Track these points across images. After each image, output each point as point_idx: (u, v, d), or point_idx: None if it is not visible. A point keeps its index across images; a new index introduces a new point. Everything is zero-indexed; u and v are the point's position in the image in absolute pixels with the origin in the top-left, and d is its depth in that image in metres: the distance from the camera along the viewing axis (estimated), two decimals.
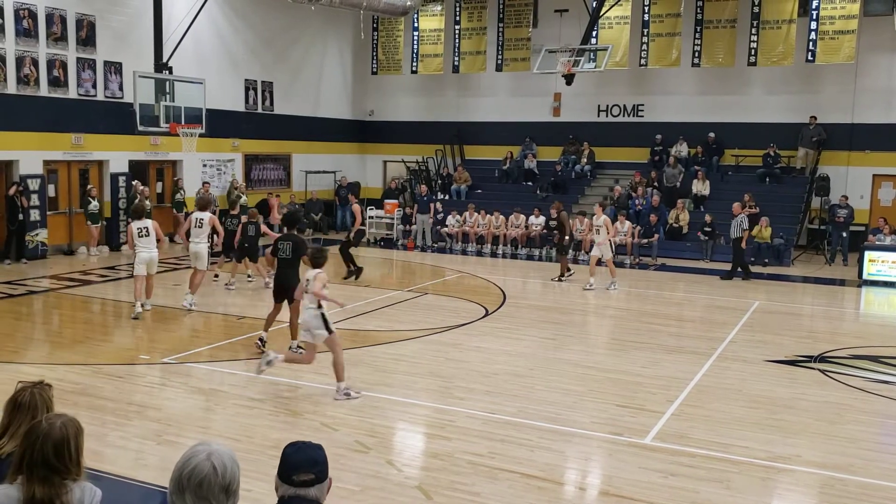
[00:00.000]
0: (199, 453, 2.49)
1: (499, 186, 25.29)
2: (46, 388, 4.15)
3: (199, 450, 2.51)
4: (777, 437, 7.78)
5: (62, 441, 3.05)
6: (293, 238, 10.65)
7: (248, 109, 24.19)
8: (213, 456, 2.48)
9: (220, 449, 2.53)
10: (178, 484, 2.45)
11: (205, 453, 2.48)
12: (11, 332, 11.71)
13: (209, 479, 2.43)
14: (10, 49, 17.36)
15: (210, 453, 2.49)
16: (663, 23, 23.45)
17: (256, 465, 6.83)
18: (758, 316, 13.89)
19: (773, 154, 22.76)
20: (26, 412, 3.98)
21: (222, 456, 2.49)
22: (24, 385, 4.10)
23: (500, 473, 6.75)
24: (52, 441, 3.03)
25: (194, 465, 2.45)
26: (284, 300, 10.54)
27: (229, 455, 2.53)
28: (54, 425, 3.07)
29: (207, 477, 2.44)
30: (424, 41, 26.70)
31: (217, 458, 2.48)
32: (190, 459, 2.47)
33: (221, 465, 2.47)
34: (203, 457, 2.47)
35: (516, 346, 11.35)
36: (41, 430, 3.04)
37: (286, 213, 12.83)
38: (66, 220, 19.44)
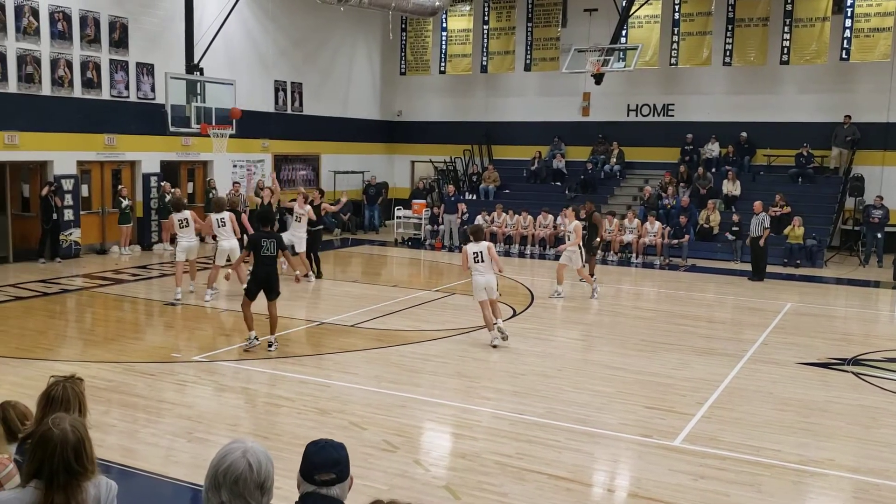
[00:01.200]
0: (234, 451, 2.51)
1: (527, 186, 25.22)
2: (78, 381, 4.24)
3: (234, 447, 2.53)
4: (809, 441, 7.68)
5: (79, 444, 3.03)
6: (275, 235, 10.86)
7: (277, 110, 24.36)
8: (248, 453, 2.50)
9: (254, 447, 2.55)
10: (214, 481, 2.47)
11: (240, 451, 2.51)
12: (45, 330, 11.90)
13: (245, 476, 2.47)
14: (45, 51, 17.64)
15: (245, 451, 2.52)
16: (694, 21, 23.25)
17: (286, 462, 6.83)
18: (790, 318, 13.71)
19: (806, 154, 22.46)
20: (59, 406, 4.04)
21: (257, 453, 2.52)
22: (56, 379, 4.18)
23: (527, 474, 6.73)
24: (71, 446, 3.01)
25: (230, 463, 2.48)
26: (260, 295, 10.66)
27: (264, 453, 2.56)
28: (66, 430, 3.03)
29: (243, 474, 2.47)
30: (453, 41, 26.72)
31: (252, 455, 2.51)
32: (226, 457, 2.50)
33: (257, 462, 2.50)
34: (239, 454, 2.50)
35: (544, 347, 11.31)
36: (57, 438, 3.00)
37: (260, 210, 12.83)
38: (99, 219, 19.70)
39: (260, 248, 10.46)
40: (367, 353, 10.77)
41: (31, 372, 9.50)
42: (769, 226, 17.84)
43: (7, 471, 3.25)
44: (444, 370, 10.12)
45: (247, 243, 11.04)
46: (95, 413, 7.99)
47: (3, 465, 3.26)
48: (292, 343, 11.34)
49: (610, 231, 19.74)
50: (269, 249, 10.48)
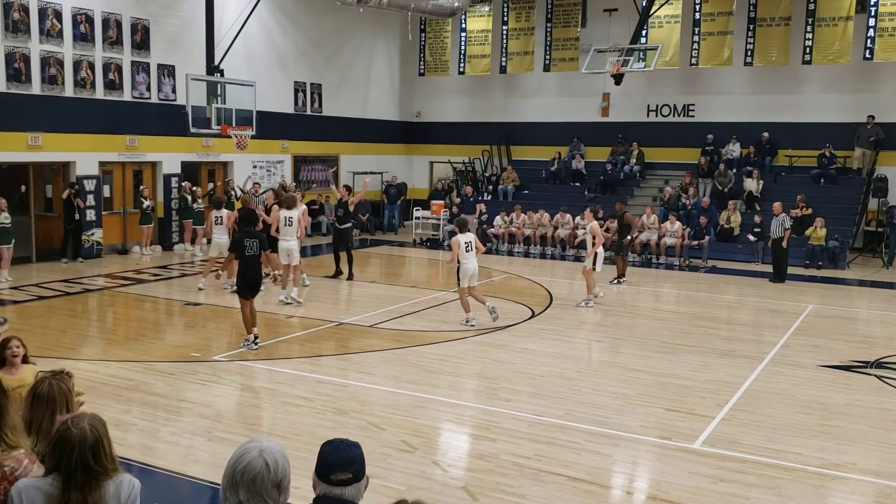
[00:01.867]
0: (251, 450, 2.52)
1: (546, 187, 25.17)
2: (66, 377, 4.05)
3: (251, 447, 2.54)
4: (831, 444, 7.60)
5: (97, 443, 3.05)
6: (259, 235, 11.05)
7: (297, 111, 24.46)
8: (265, 452, 2.52)
9: (271, 446, 2.56)
10: (232, 480, 2.49)
11: (257, 450, 2.52)
12: (67, 329, 12.01)
13: (262, 476, 2.48)
14: (67, 53, 17.81)
15: (262, 450, 2.53)
16: (715, 21, 23.10)
17: (304, 462, 6.84)
18: (811, 320, 13.59)
19: (829, 154, 22.25)
20: (45, 405, 3.89)
21: (274, 453, 2.54)
22: (43, 375, 4.01)
23: (546, 476, 6.71)
24: (89, 446, 3.02)
25: (247, 462, 2.49)
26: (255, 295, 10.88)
27: (280, 452, 2.58)
28: (85, 430, 3.04)
29: (260, 473, 2.48)
30: (472, 42, 26.72)
31: (269, 454, 2.53)
32: (243, 456, 2.51)
33: (273, 461, 2.51)
34: (255, 453, 2.51)
35: (563, 349, 11.28)
36: (75, 438, 3.01)
37: (241, 211, 12.84)
38: (121, 220, 19.87)
39: (244, 248, 10.60)
40: (385, 354, 10.78)
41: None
42: (790, 226, 17.67)
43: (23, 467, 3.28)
44: (462, 371, 10.12)
45: (230, 244, 11.17)
46: (116, 411, 8.07)
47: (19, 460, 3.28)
48: (311, 343, 11.38)
49: (650, 223, 19.55)
50: (252, 249, 10.65)
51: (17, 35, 16.78)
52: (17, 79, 16.85)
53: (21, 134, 17.00)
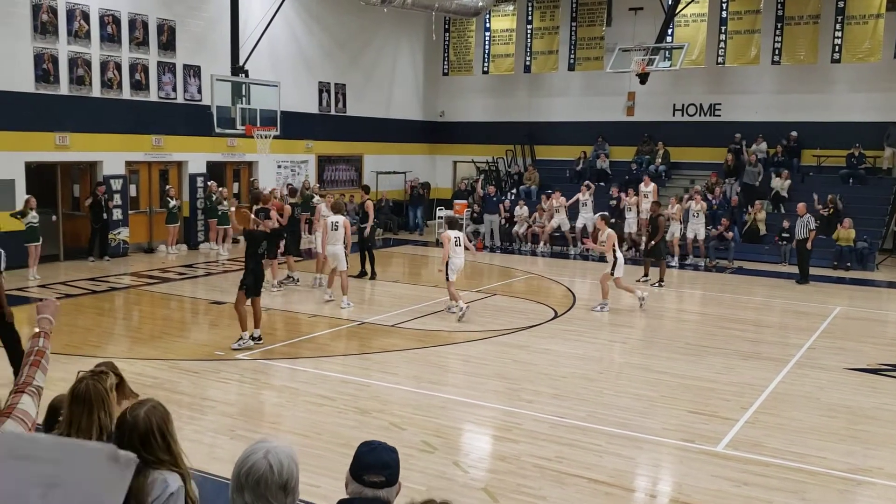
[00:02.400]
0: (256, 451, 2.51)
1: (570, 187, 25.03)
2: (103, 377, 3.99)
3: (257, 448, 2.53)
4: (857, 448, 7.49)
5: (147, 432, 3.11)
6: (268, 235, 11.56)
7: (321, 111, 24.55)
8: (270, 454, 2.49)
9: (278, 446, 2.53)
10: (238, 482, 2.48)
11: (262, 451, 2.50)
12: (93, 327, 12.14)
13: (266, 478, 2.45)
14: (95, 54, 18.02)
15: (268, 451, 2.50)
16: (742, 20, 22.88)
17: (325, 461, 6.92)
18: (839, 322, 13.41)
19: (858, 154, 21.95)
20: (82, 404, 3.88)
21: (279, 454, 2.50)
22: (82, 375, 4.01)
23: (567, 478, 6.67)
24: (139, 433, 3.10)
25: (252, 464, 2.48)
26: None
27: (287, 453, 2.53)
28: (138, 416, 3.13)
29: (265, 475, 2.45)
30: (496, 41, 26.67)
31: (274, 456, 2.48)
32: (248, 458, 2.50)
33: (278, 462, 2.47)
34: (261, 455, 2.49)
35: (586, 350, 11.22)
36: (127, 425, 3.12)
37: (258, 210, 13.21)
38: (147, 219, 20.07)
39: (259, 247, 10.81)
40: (407, 354, 10.79)
41: (79, 368, 9.60)
42: (815, 227, 17.46)
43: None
44: (483, 371, 10.10)
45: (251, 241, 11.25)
46: None
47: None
48: (334, 342, 11.42)
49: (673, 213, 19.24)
50: (263, 248, 11.01)
51: (46, 36, 17.00)
52: (46, 79, 17.07)
53: (49, 134, 17.23)
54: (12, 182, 16.52)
